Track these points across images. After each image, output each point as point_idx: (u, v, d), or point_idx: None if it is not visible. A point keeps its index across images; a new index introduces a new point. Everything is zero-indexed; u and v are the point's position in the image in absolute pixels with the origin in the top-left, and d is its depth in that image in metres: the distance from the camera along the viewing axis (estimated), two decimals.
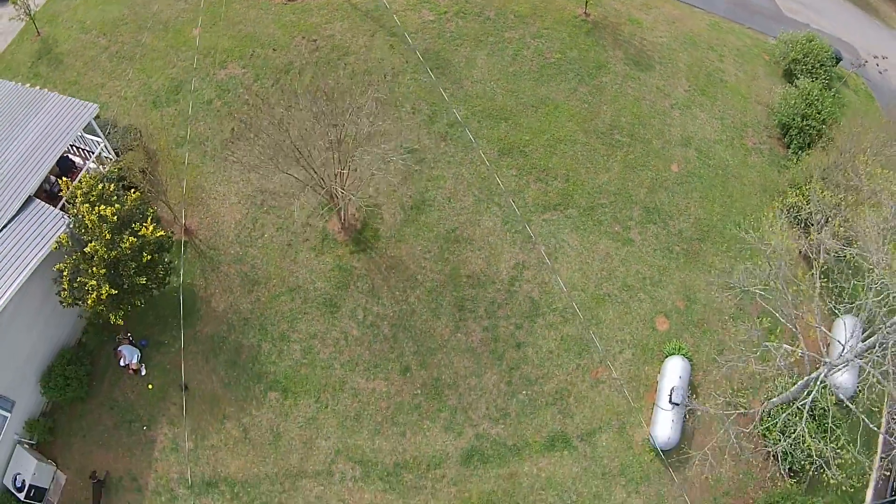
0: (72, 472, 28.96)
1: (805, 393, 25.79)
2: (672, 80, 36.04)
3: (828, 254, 26.32)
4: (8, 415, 27.97)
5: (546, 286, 30.46)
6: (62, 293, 26.89)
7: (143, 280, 26.94)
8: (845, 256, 26.31)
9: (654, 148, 33.95)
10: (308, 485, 27.84)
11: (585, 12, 37.45)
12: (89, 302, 26.26)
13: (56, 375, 28.82)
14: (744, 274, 26.74)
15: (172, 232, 30.07)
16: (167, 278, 28.64)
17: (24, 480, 27.74)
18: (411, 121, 33.16)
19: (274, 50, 35.43)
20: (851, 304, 25.61)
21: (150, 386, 29.40)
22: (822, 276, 26.05)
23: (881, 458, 29.23)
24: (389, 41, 35.78)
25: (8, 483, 28.14)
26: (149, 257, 26.95)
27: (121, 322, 27.37)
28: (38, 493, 28.06)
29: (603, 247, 31.50)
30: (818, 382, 25.45)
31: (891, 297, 24.08)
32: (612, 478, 27.93)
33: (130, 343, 29.67)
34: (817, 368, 26.10)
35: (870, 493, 29.08)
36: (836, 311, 27.00)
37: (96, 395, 29.59)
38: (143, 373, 29.61)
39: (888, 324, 23.69)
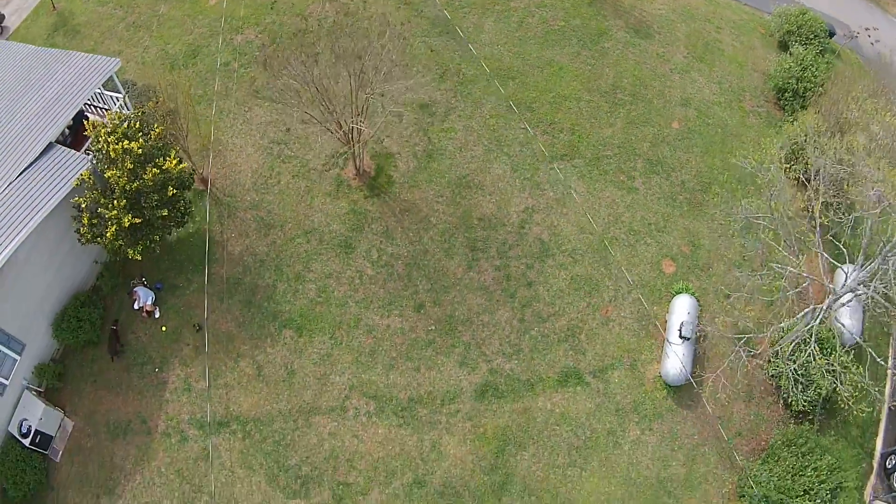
0: (80, 418, 26.49)
1: (812, 318, 23.80)
2: (671, 48, 34.54)
3: (827, 191, 24.56)
4: (18, 357, 25.71)
5: (555, 229, 28.58)
6: (81, 229, 24.62)
7: (164, 212, 24.77)
8: (841, 183, 24.45)
9: (656, 107, 32.36)
10: (322, 421, 25.45)
11: None
12: (108, 235, 24.10)
13: (69, 317, 26.56)
14: (745, 204, 25.37)
15: (194, 169, 27.76)
16: (186, 217, 26.56)
17: (30, 426, 25.18)
18: (422, 78, 31.16)
19: (293, 4, 33.52)
20: (848, 216, 24.03)
21: (163, 328, 27.12)
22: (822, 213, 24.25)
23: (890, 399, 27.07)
24: (402, 10, 34.28)
25: (13, 429, 25.56)
26: (174, 191, 24.95)
27: (139, 257, 25.21)
28: (43, 439, 25.51)
29: (609, 194, 29.67)
30: (824, 310, 23.76)
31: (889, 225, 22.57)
32: (626, 414, 25.70)
33: (145, 286, 27.24)
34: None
35: (879, 441, 26.88)
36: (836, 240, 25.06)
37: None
38: (157, 315, 27.32)
39: (889, 245, 22.12)
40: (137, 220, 24.36)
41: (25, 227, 23.80)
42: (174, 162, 25.16)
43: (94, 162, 24.85)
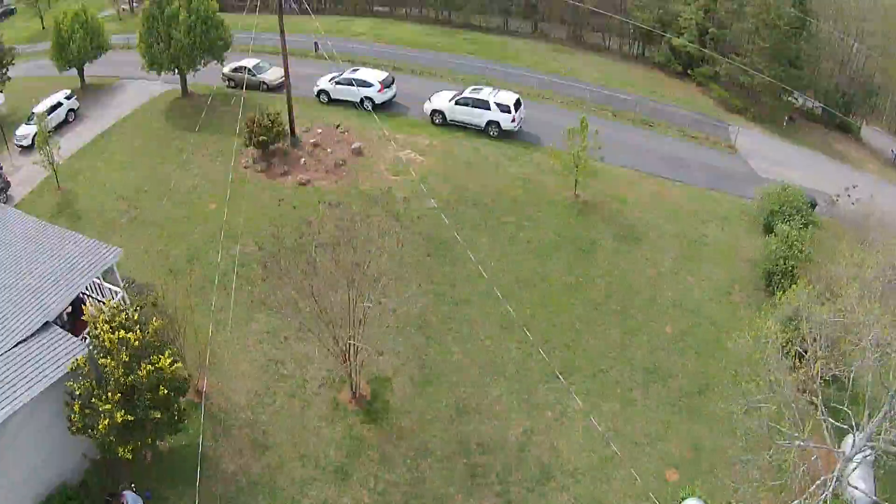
0: None
1: (825, 489, 21.97)
2: (660, 251, 34.57)
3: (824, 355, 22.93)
4: None
5: (555, 449, 27.05)
6: (73, 417, 23.02)
7: (157, 414, 23.22)
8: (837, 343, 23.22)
9: (649, 314, 31.87)
10: None
11: (575, 194, 36.47)
12: (100, 428, 22.42)
13: None
14: (745, 388, 23.77)
15: (189, 375, 26.48)
16: (180, 424, 24.97)
17: None
18: (417, 289, 30.47)
19: (294, 207, 33.47)
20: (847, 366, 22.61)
21: None
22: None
23: None
24: (400, 222, 34.20)
25: None
26: (165, 392, 23.46)
27: (129, 456, 23.28)
28: None
29: (608, 408, 28.39)
30: (835, 478, 21.96)
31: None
32: None
33: (134, 492, 25.04)
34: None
35: None
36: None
37: None
38: None
39: (894, 390, 20.63)
40: (130, 418, 22.71)
41: (13, 402, 21.79)
42: (168, 361, 23.76)
43: (90, 349, 23.48)
